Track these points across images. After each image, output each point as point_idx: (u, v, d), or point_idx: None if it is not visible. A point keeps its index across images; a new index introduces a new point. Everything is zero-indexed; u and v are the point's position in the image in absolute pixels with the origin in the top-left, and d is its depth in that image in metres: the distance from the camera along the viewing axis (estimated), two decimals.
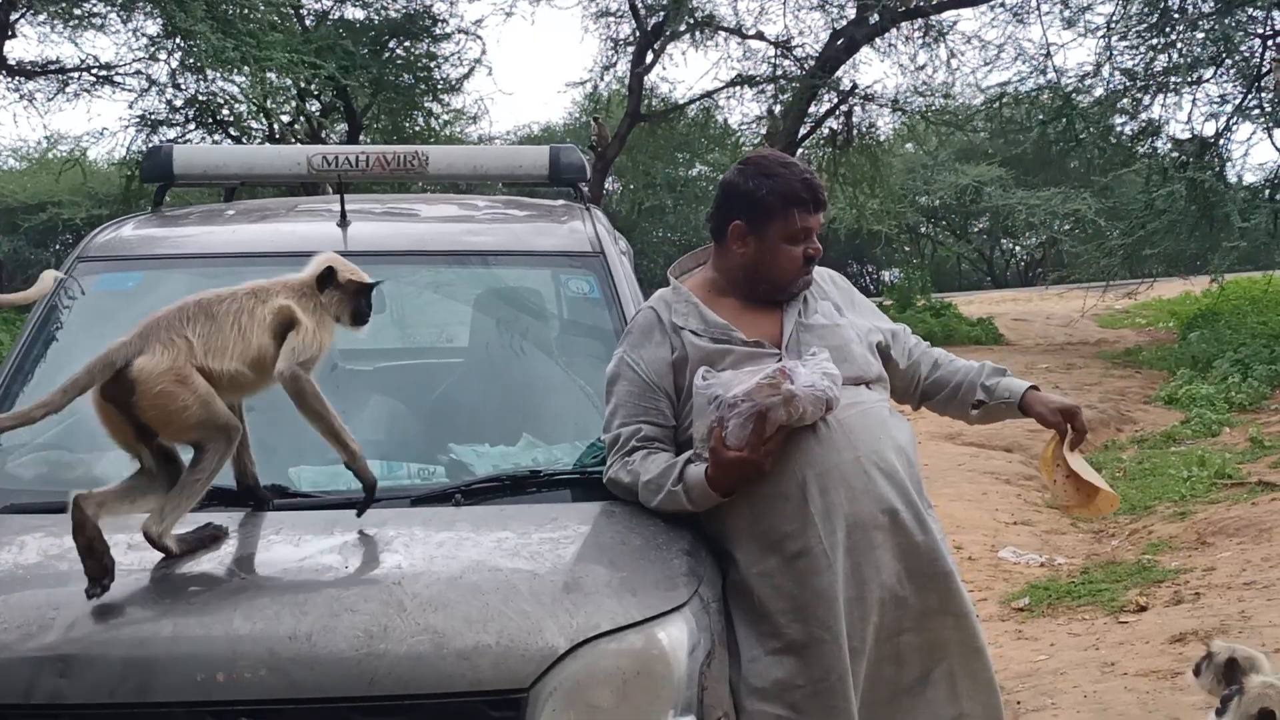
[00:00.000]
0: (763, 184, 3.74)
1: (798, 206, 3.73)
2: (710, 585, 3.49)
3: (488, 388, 4.56)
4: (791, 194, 3.72)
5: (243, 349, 3.49)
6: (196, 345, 3.44)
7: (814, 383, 3.47)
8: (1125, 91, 21.51)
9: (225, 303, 3.54)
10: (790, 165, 3.78)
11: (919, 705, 3.67)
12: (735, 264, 3.82)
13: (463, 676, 3.00)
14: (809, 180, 3.76)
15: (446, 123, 27.97)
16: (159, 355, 3.39)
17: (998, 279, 44.39)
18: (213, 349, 3.45)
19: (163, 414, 3.40)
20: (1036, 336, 24.56)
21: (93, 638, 3.01)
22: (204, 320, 3.49)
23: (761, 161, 3.83)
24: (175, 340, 3.43)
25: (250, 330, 3.51)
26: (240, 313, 3.52)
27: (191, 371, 3.40)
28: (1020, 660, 6.84)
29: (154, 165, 5.40)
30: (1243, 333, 18.80)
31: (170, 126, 23.65)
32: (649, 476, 3.63)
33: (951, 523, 9.59)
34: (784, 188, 3.73)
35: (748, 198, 3.77)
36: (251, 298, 3.57)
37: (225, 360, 3.46)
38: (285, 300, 3.58)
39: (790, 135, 23.67)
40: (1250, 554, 8.37)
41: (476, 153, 5.87)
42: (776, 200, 3.73)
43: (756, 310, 3.80)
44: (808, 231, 3.76)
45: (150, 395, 3.37)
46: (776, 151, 3.89)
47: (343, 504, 3.66)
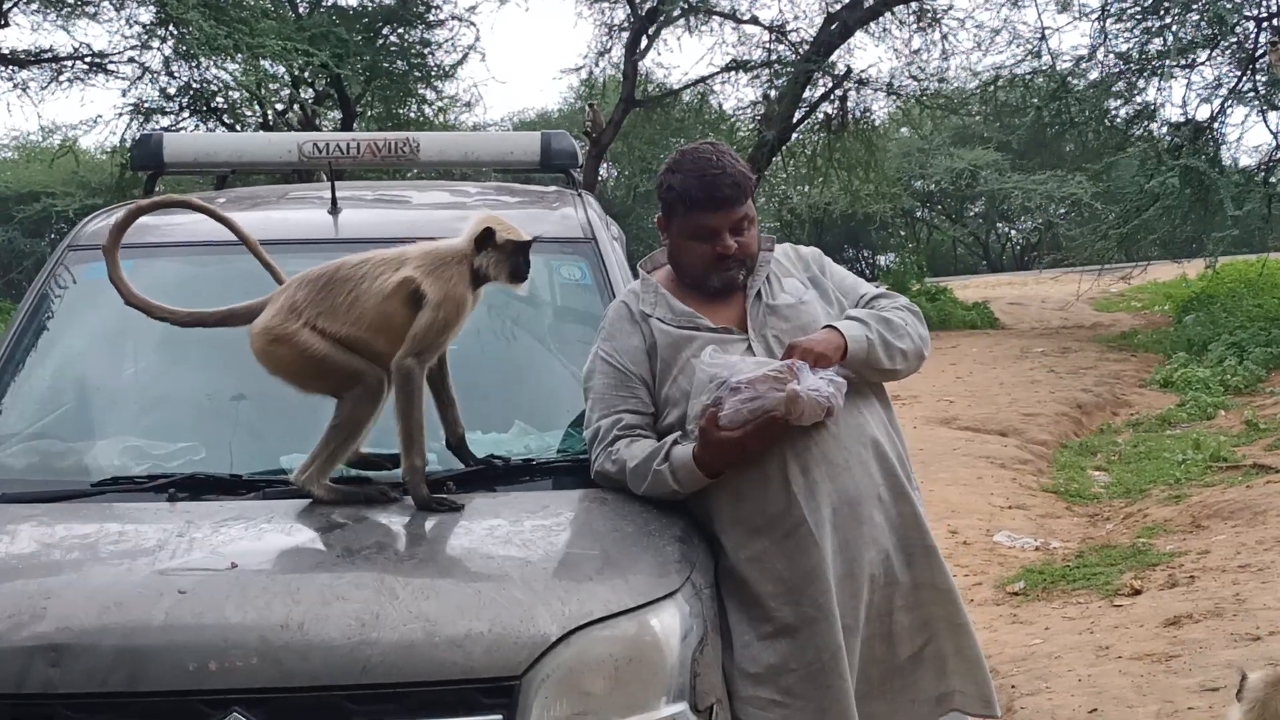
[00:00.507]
0: (668, 180, 3.76)
1: (689, 206, 3.72)
2: (703, 571, 3.49)
3: (479, 374, 4.55)
4: (685, 193, 3.71)
5: (357, 315, 3.62)
6: (306, 307, 3.62)
7: (819, 388, 3.46)
8: (1120, 75, 21.51)
9: (352, 266, 3.69)
10: (700, 161, 3.72)
11: (910, 684, 3.67)
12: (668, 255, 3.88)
13: (455, 664, 2.99)
14: (708, 179, 3.69)
15: (441, 110, 27.91)
16: (263, 317, 3.66)
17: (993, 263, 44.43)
18: (324, 311, 3.63)
19: (273, 370, 3.68)
20: (1032, 320, 24.59)
21: (85, 627, 2.99)
22: (323, 284, 3.67)
23: (680, 157, 3.81)
24: (280, 301, 3.65)
25: (367, 296, 3.63)
26: (362, 279, 3.65)
27: (294, 331, 3.61)
28: (1015, 644, 6.85)
29: (144, 153, 5.39)
30: (1238, 316, 18.82)
31: (164, 115, 23.59)
32: (635, 462, 3.63)
33: (946, 507, 9.61)
34: (681, 186, 3.72)
35: (659, 193, 3.82)
36: (383, 265, 3.69)
37: (336, 323, 3.62)
38: (412, 272, 3.65)
39: (785, 120, 23.65)
40: (1245, 537, 8.38)
41: (468, 139, 5.89)
42: (674, 198, 3.75)
43: (722, 299, 3.78)
44: (708, 230, 3.71)
45: (255, 353, 3.67)
46: (709, 144, 3.82)
47: None
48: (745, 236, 3.75)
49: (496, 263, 3.72)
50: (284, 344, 3.62)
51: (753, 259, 3.79)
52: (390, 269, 3.66)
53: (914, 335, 3.78)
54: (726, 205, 3.70)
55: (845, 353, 3.60)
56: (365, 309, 3.61)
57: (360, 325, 3.61)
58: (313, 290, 3.66)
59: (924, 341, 3.83)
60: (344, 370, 3.62)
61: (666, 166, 3.82)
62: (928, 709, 3.70)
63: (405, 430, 3.61)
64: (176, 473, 3.83)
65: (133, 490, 3.76)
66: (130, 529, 3.49)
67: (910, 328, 3.78)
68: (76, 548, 3.44)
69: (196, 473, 3.83)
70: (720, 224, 3.71)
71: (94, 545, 3.43)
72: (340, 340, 3.61)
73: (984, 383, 16.36)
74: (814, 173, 26.81)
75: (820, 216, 36.93)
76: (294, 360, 3.63)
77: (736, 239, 3.72)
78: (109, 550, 3.39)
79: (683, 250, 3.79)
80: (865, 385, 3.77)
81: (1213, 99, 21.17)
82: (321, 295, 3.64)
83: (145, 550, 3.34)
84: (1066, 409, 14.54)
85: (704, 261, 3.75)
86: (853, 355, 3.62)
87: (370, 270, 3.66)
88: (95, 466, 3.96)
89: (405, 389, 3.59)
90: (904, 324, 3.77)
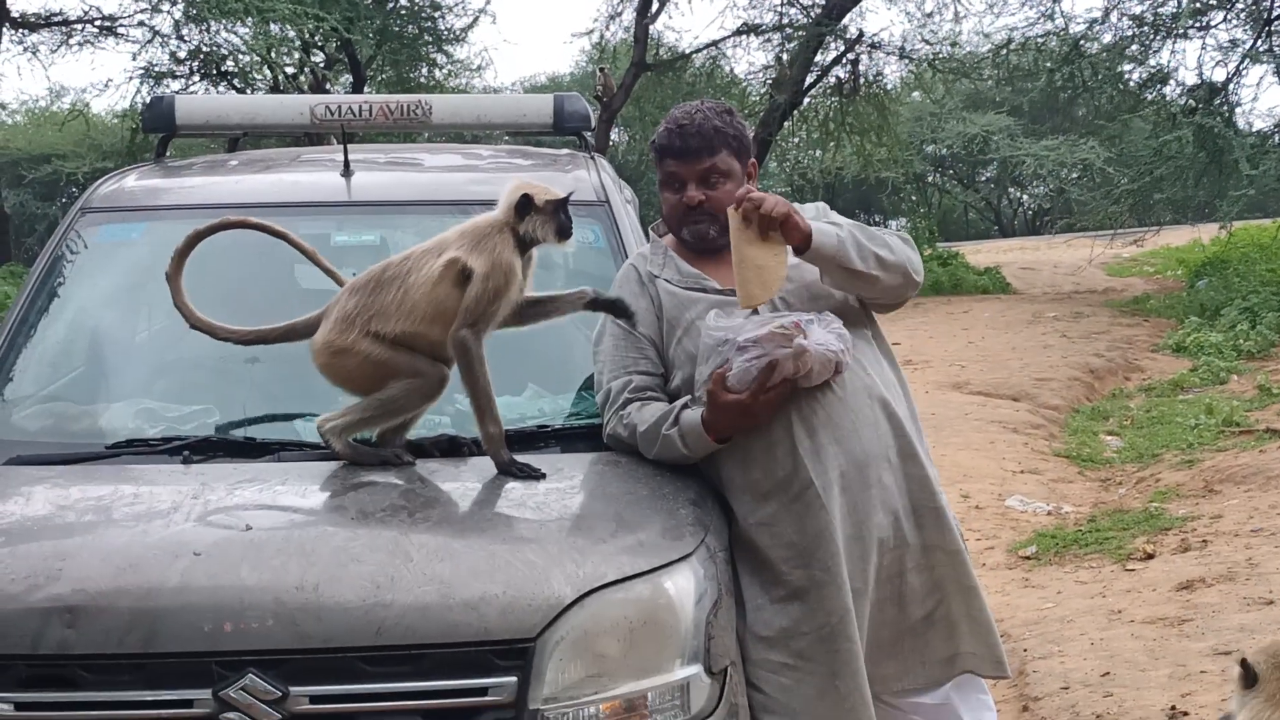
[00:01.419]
0: (653, 134, 3.87)
1: (663, 155, 3.81)
2: (717, 535, 3.49)
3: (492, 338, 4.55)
4: (658, 143, 3.82)
5: (409, 309, 3.61)
6: (358, 315, 3.63)
7: (826, 342, 3.45)
8: (1134, 37, 21.38)
9: (397, 264, 3.69)
10: (679, 114, 3.83)
11: (920, 645, 3.68)
12: None
13: (469, 626, 2.99)
14: (676, 130, 3.78)
15: (451, 74, 27.85)
16: (320, 333, 3.68)
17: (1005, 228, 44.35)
18: (377, 314, 3.63)
19: (338, 382, 3.72)
20: (1044, 285, 24.55)
21: (100, 588, 3.00)
22: (371, 288, 3.67)
23: (670, 113, 3.89)
24: (334, 314, 3.67)
25: (416, 289, 3.62)
26: (408, 273, 3.65)
27: (352, 341, 3.62)
28: (1027, 608, 6.85)
29: (156, 116, 5.37)
30: (1251, 280, 18.76)
31: (174, 78, 23.57)
32: (645, 426, 3.63)
33: (959, 471, 9.61)
34: (657, 137, 3.83)
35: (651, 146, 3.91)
36: (425, 255, 3.68)
37: (390, 323, 3.61)
38: (455, 253, 3.64)
39: (797, 84, 23.55)
40: (1258, 501, 8.37)
41: (481, 102, 5.86)
42: (652, 149, 3.85)
43: (729, 260, 3.74)
44: (676, 179, 3.79)
45: (319, 368, 3.70)
46: (700, 101, 3.90)
47: None
48: (715, 191, 3.76)
49: (542, 224, 3.72)
50: (345, 355, 3.63)
51: None
52: (433, 256, 3.65)
53: (897, 248, 3.71)
54: (691, 155, 3.76)
55: (809, 239, 3.53)
56: (417, 301, 3.61)
57: (415, 319, 3.61)
58: (363, 296, 3.66)
59: (909, 262, 3.73)
60: (407, 372, 3.63)
61: (663, 120, 3.89)
62: (938, 670, 3.70)
63: (474, 400, 3.62)
64: (191, 435, 3.83)
65: (147, 452, 3.77)
66: (145, 491, 3.49)
67: (894, 243, 3.72)
68: (91, 510, 3.44)
69: (211, 435, 3.83)
70: (686, 173, 3.77)
71: (109, 507, 3.43)
72: (399, 339, 3.62)
73: (996, 348, 16.34)
74: (826, 137, 26.72)
75: (832, 181, 36.81)
76: (358, 369, 3.64)
77: (703, 191, 3.76)
78: (124, 512, 3.39)
79: (662, 201, 3.86)
80: (873, 346, 3.77)
81: (1227, 60, 21.07)
82: (372, 299, 3.64)
83: (160, 512, 3.34)
84: (1079, 374, 14.52)
85: (676, 212, 3.81)
86: (818, 245, 3.55)
87: (415, 263, 3.66)
88: (110, 429, 3.97)
89: (465, 360, 3.60)
90: (885, 235, 3.73)
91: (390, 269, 3.68)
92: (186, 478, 3.55)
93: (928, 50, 25.03)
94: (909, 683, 3.68)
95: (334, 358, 3.65)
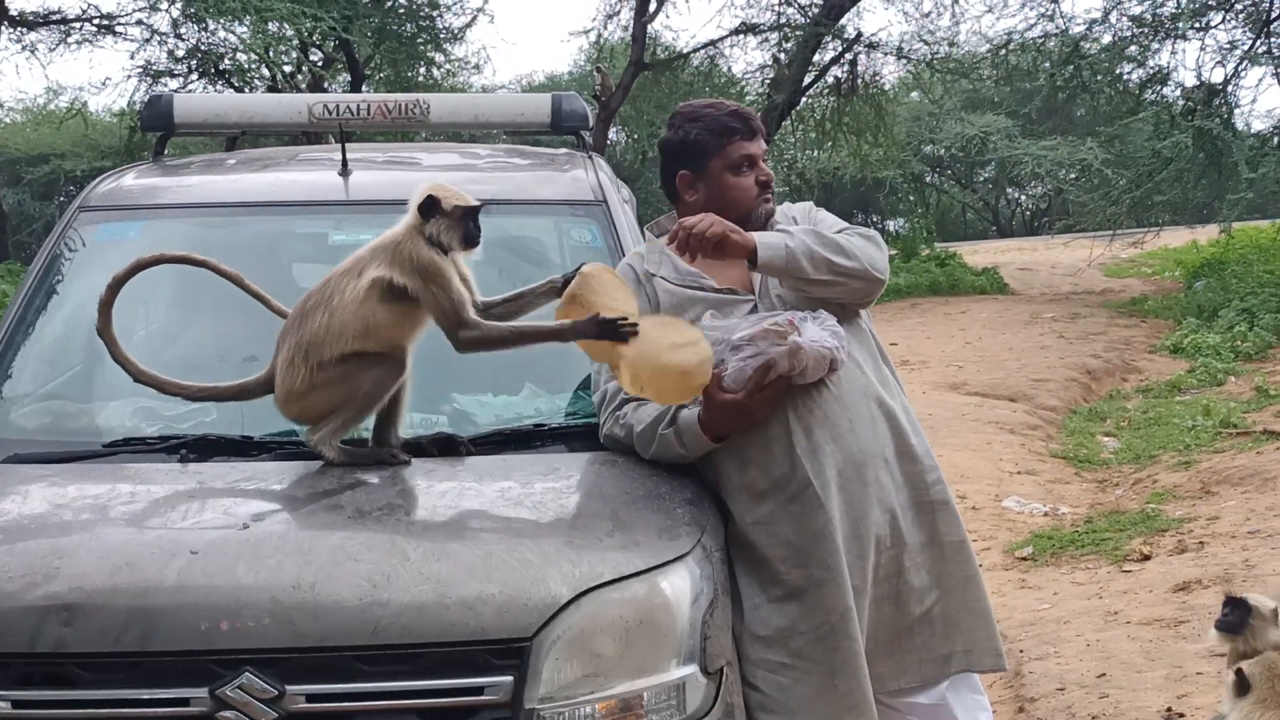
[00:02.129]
0: (691, 128, 3.80)
1: (731, 136, 3.77)
2: (713, 534, 3.49)
3: None
4: (722, 126, 3.77)
5: (338, 331, 3.60)
6: (296, 354, 3.62)
7: (821, 339, 3.45)
8: (1133, 38, 21.38)
9: (317, 293, 3.67)
10: (716, 103, 3.86)
11: (916, 644, 3.68)
12: (693, 214, 3.77)
13: (465, 625, 3.00)
14: (737, 110, 3.82)
15: (449, 73, 27.81)
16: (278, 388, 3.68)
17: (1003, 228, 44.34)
18: (311, 346, 3.61)
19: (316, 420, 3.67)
20: (1042, 286, 24.53)
21: (97, 587, 3.01)
22: (298, 324, 3.66)
23: (686, 109, 3.88)
24: (279, 366, 3.67)
25: (341, 310, 3.61)
26: (330, 298, 3.63)
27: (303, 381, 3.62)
28: (1024, 609, 6.86)
29: (154, 114, 5.37)
30: (1249, 281, 18.76)
31: (172, 77, 23.54)
32: (642, 426, 3.63)
33: (955, 472, 9.61)
34: (713, 124, 3.78)
35: (681, 145, 3.82)
36: (344, 276, 3.66)
37: (326, 349, 3.60)
38: (376, 271, 3.62)
39: (794, 84, 23.52)
40: (1255, 503, 8.37)
41: (478, 101, 5.86)
42: (709, 136, 3.77)
43: (726, 259, 3.73)
44: (750, 159, 3.78)
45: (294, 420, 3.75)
46: (705, 98, 3.91)
47: None
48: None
49: (446, 229, 3.68)
50: (307, 396, 3.62)
51: None
52: (353, 277, 3.64)
53: (854, 252, 3.63)
54: (757, 134, 3.80)
55: (754, 254, 3.53)
56: (345, 321, 3.60)
57: (346, 339, 3.59)
58: (293, 334, 3.65)
59: (871, 263, 3.65)
60: (367, 370, 3.62)
61: (682, 119, 3.85)
62: (934, 669, 3.71)
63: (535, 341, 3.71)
64: (188, 434, 3.84)
65: (145, 451, 3.77)
66: (142, 489, 3.49)
67: (852, 246, 3.65)
68: (88, 508, 3.45)
69: (208, 434, 3.83)
70: (757, 151, 3.80)
71: (106, 506, 3.44)
72: (341, 359, 3.60)
73: (993, 348, 16.34)
74: (823, 137, 26.70)
75: (829, 181, 36.83)
76: (326, 400, 3.63)
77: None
78: (121, 511, 3.40)
79: (728, 189, 3.78)
80: (868, 346, 3.77)
81: (1226, 62, 21.07)
82: (302, 333, 3.63)
83: (157, 511, 3.35)
84: (1076, 374, 14.52)
85: (750, 194, 3.79)
86: (765, 260, 3.54)
87: (335, 287, 3.64)
88: (107, 427, 3.97)
89: (488, 344, 3.66)
90: (841, 240, 3.66)
91: (312, 298, 3.67)
92: (184, 477, 3.56)
93: (926, 50, 25.03)
94: (904, 681, 3.69)
95: (300, 403, 3.65)
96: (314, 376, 3.60)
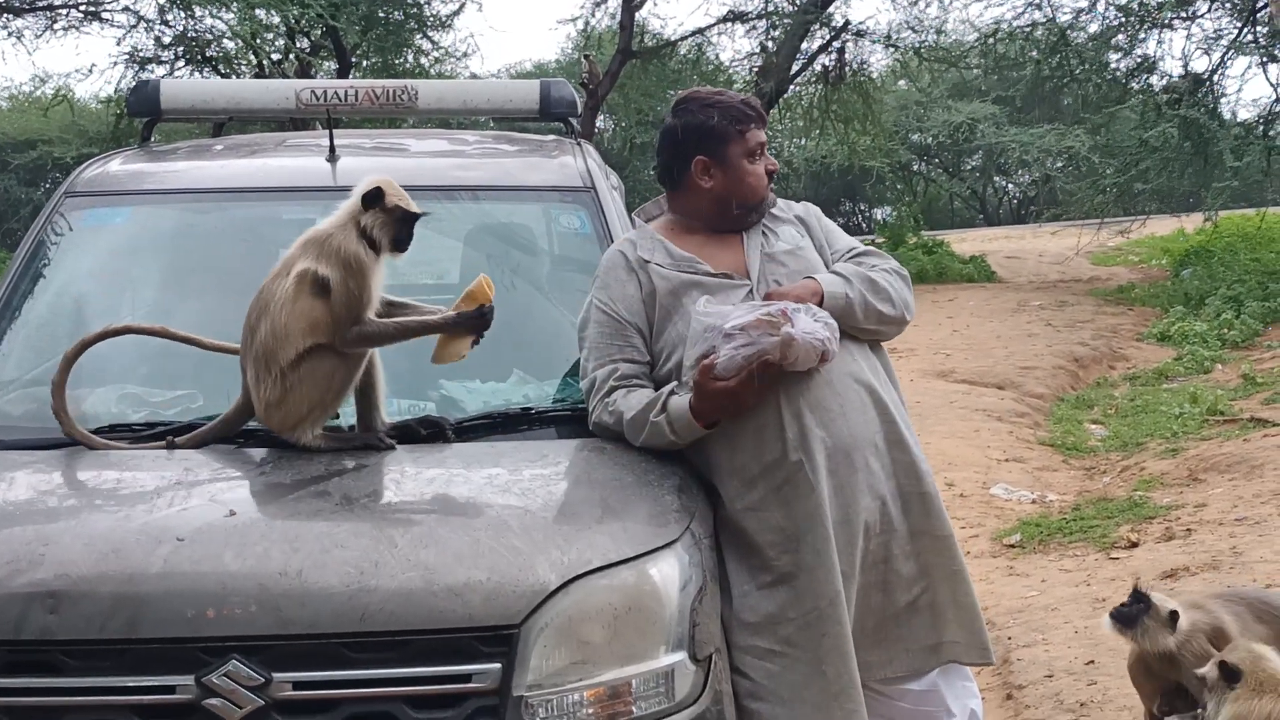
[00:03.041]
0: (711, 114, 3.81)
1: (747, 124, 3.81)
2: (702, 521, 3.49)
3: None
4: (739, 115, 3.81)
5: (284, 333, 3.58)
6: (261, 366, 3.61)
7: (813, 330, 3.45)
8: (1120, 27, 21.39)
9: (256, 303, 3.66)
10: (724, 93, 3.90)
11: (905, 633, 3.68)
12: (704, 200, 3.83)
13: (454, 612, 2.99)
14: (748, 99, 3.88)
15: (437, 60, 27.74)
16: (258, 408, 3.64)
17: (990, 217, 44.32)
18: (267, 355, 3.60)
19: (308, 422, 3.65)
20: (1029, 274, 24.55)
21: (83, 574, 2.99)
22: (249, 339, 3.65)
23: (697, 96, 3.89)
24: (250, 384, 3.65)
25: (278, 311, 3.59)
26: (267, 305, 3.62)
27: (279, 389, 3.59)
28: (1011, 596, 6.86)
29: (141, 99, 5.35)
30: (1236, 269, 18.82)
31: (159, 64, 23.45)
32: (632, 413, 3.62)
33: (943, 460, 9.62)
34: (731, 111, 3.81)
35: (700, 130, 3.81)
36: (276, 279, 3.65)
37: (281, 353, 3.59)
38: (304, 264, 3.61)
39: (782, 72, 23.52)
40: (1242, 490, 8.38)
41: (467, 87, 5.83)
42: (728, 124, 3.80)
43: (720, 244, 3.82)
44: (762, 146, 3.84)
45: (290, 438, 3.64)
46: (708, 87, 3.97)
47: None
48: None
49: (382, 225, 3.69)
50: (286, 402, 3.60)
51: None
52: (283, 276, 3.63)
53: (896, 299, 3.78)
54: (764, 123, 3.89)
55: (820, 300, 3.62)
56: (286, 323, 3.58)
57: (292, 338, 3.58)
58: (249, 352, 3.65)
59: (907, 307, 3.82)
60: (326, 366, 3.61)
61: (699, 105, 3.84)
62: (922, 659, 3.70)
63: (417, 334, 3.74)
64: (175, 420, 3.82)
65: (131, 437, 3.75)
66: (128, 476, 3.48)
67: (894, 291, 3.78)
68: (74, 495, 3.44)
69: (194, 420, 3.82)
70: (763, 141, 3.87)
71: (92, 492, 3.43)
72: (299, 358, 3.59)
73: (981, 336, 16.35)
74: (811, 125, 26.71)
75: (817, 169, 36.76)
76: (305, 398, 3.61)
77: None
78: (107, 497, 3.39)
79: (743, 175, 3.81)
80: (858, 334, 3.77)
81: (1212, 51, 21.09)
82: (255, 347, 3.62)
83: (143, 498, 3.33)
84: (1063, 362, 14.54)
85: (762, 181, 3.85)
86: (828, 306, 3.62)
87: (269, 291, 3.64)
88: (93, 414, 3.95)
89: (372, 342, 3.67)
90: (888, 286, 3.77)
91: (254, 310, 3.66)
92: (170, 463, 3.54)
93: (914, 39, 25.02)
94: (893, 670, 3.69)
95: (280, 412, 3.62)
96: (283, 382, 3.58)
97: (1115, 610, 4.55)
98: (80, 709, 2.95)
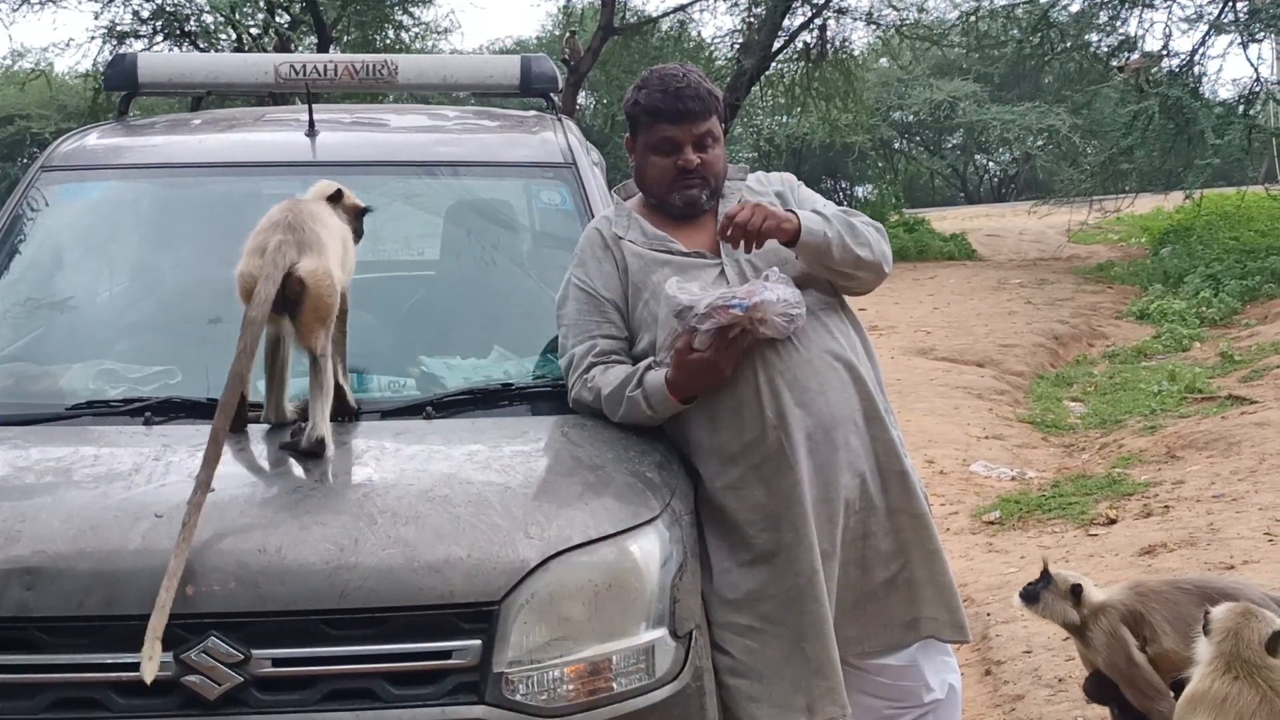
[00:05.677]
0: (634, 97, 3.81)
1: (655, 118, 3.74)
2: (682, 498, 3.48)
3: (458, 300, 4.53)
4: (650, 106, 3.75)
5: None
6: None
7: (785, 296, 3.46)
8: (1102, 6, 21.40)
9: None
10: (666, 77, 3.77)
11: (882, 609, 3.69)
12: (634, 176, 3.87)
13: (434, 589, 2.98)
14: (672, 92, 3.73)
15: (417, 36, 27.66)
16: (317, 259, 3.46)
17: (971, 195, 44.40)
18: None
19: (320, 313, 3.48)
20: (1009, 252, 24.60)
21: (60, 550, 2.98)
22: None
23: (648, 75, 3.84)
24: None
25: None
26: None
27: None
28: (990, 572, 6.88)
29: (118, 73, 5.30)
30: (1215, 248, 18.88)
31: (137, 38, 23.34)
32: (609, 389, 3.62)
33: (923, 437, 9.64)
34: (645, 100, 3.76)
35: (626, 111, 3.84)
36: None
37: None
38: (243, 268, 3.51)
39: (764, 49, 23.46)
40: (1219, 467, 8.42)
41: (447, 62, 5.79)
42: (640, 112, 3.78)
43: (693, 223, 3.80)
44: (671, 143, 3.74)
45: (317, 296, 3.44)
46: (676, 64, 3.87)
47: None
48: (708, 154, 3.76)
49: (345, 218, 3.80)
50: None
51: (716, 178, 3.81)
52: None
53: (874, 245, 3.73)
54: (689, 118, 3.72)
55: (798, 233, 3.58)
56: None
57: None
58: None
59: (884, 257, 3.77)
60: None
61: (634, 85, 3.84)
62: (899, 634, 3.72)
63: None
64: (152, 396, 3.80)
65: (108, 414, 3.73)
66: (106, 452, 3.46)
67: (872, 239, 3.74)
68: (51, 471, 3.41)
69: (173, 396, 3.79)
70: (682, 137, 3.73)
71: (69, 469, 3.40)
72: None
73: (961, 314, 16.38)
74: (792, 102, 26.66)
75: (798, 147, 36.77)
76: None
77: (699, 154, 3.74)
78: (84, 474, 3.36)
79: (648, 166, 3.80)
80: (838, 312, 3.77)
81: (1193, 30, 21.11)
82: None
83: (121, 474, 3.31)
84: (1043, 340, 14.58)
85: (666, 176, 3.76)
86: (806, 241, 3.59)
87: None
88: (70, 390, 3.92)
89: None
90: (867, 232, 3.73)
91: None
92: (148, 439, 3.52)
93: (895, 16, 25.00)
94: (870, 646, 3.70)
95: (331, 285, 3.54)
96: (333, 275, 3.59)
97: (1023, 588, 4.60)
98: (58, 686, 2.94)
